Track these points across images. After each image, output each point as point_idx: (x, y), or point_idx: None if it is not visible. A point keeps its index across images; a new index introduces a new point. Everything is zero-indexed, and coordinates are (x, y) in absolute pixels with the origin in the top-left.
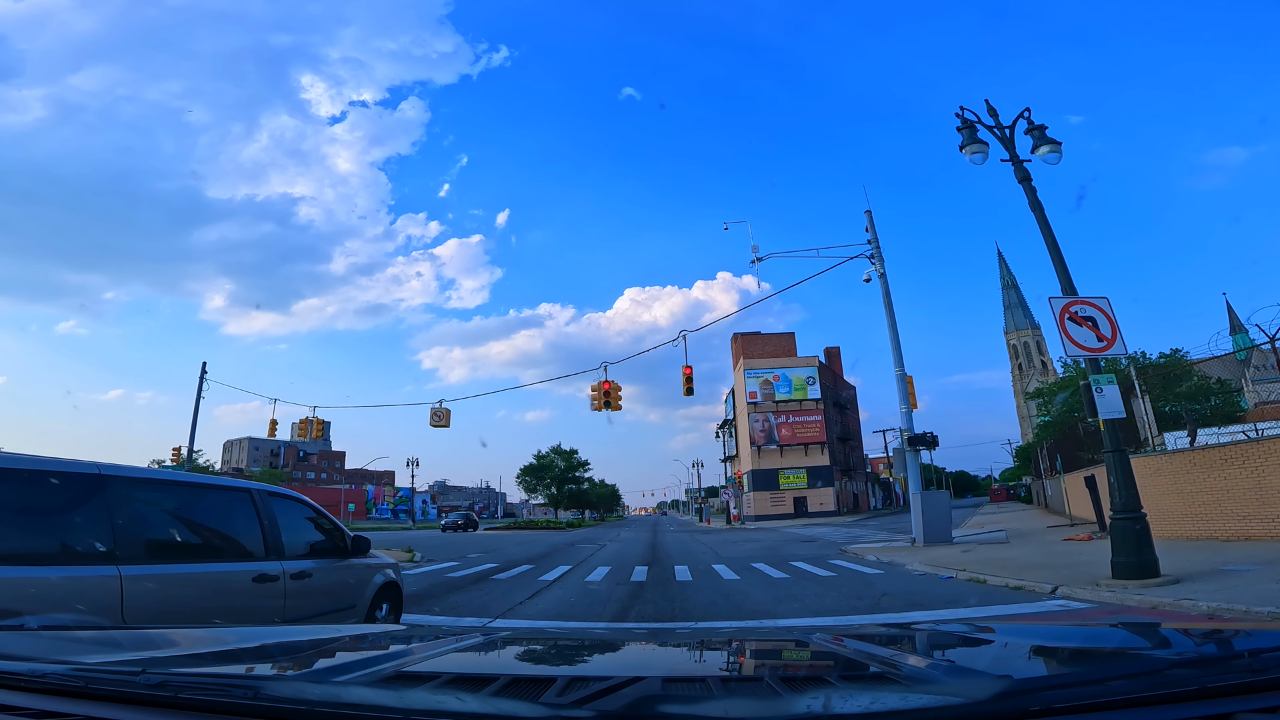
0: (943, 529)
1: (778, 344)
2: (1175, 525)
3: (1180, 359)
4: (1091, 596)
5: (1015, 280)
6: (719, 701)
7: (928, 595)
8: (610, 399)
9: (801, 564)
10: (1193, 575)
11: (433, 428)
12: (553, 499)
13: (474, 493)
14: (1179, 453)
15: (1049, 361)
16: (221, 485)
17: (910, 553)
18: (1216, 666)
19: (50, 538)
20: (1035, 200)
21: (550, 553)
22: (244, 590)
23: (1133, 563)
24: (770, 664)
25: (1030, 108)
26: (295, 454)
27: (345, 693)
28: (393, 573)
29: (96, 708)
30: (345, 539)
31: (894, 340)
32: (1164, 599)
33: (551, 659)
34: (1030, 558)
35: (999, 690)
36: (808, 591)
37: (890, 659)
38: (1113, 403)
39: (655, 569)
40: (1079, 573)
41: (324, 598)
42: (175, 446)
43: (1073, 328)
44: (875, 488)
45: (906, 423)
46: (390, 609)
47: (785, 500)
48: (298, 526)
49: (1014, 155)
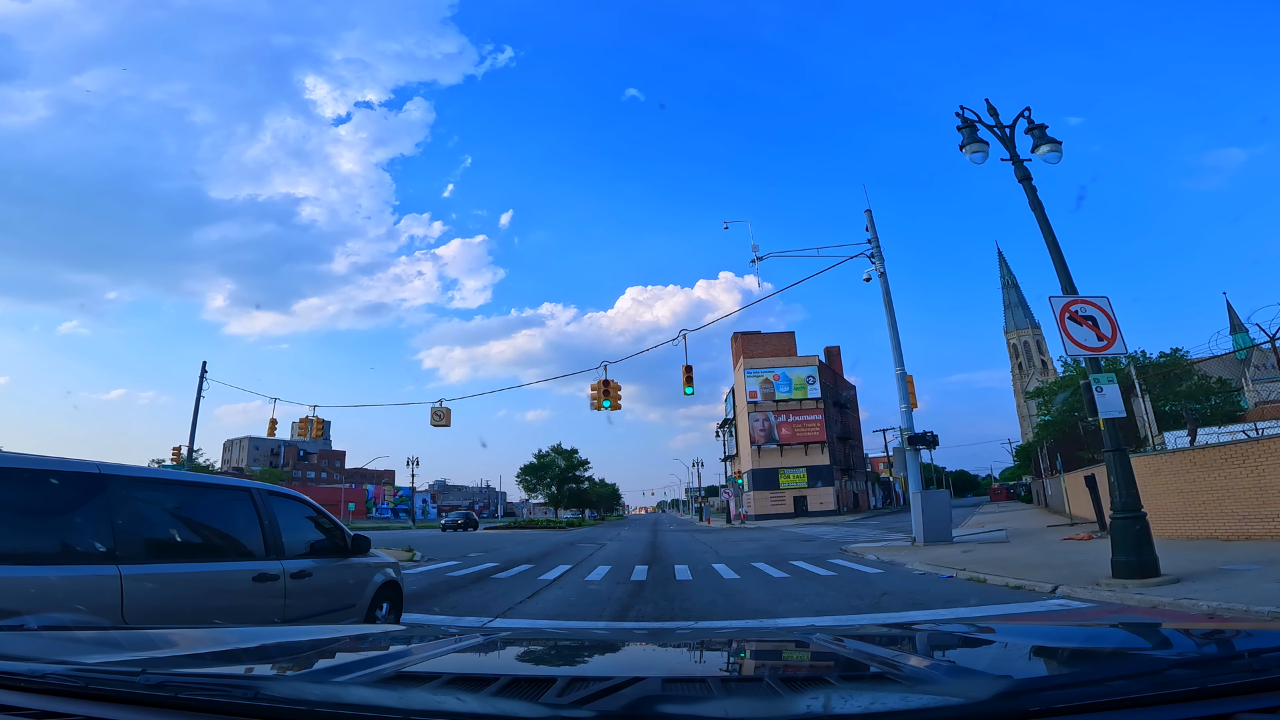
0: (943, 528)
1: (778, 343)
2: (1175, 525)
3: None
4: (1091, 596)
5: (1015, 280)
6: (719, 701)
7: (928, 595)
8: (610, 398)
9: (801, 563)
10: (1193, 575)
11: (433, 427)
12: (553, 498)
13: (474, 492)
14: (1179, 452)
15: (1049, 361)
16: (221, 484)
17: (910, 552)
18: (1216, 666)
19: (50, 537)
20: (1035, 200)
21: (550, 552)
22: (244, 590)
23: (1133, 562)
24: (770, 664)
25: (1030, 107)
26: (295, 453)
27: (345, 693)
28: (393, 572)
29: (96, 708)
30: (345, 538)
31: (894, 339)
32: (1164, 598)
33: (551, 659)
34: (1030, 557)
35: (999, 690)
36: (808, 591)
37: (890, 659)
38: (1113, 402)
39: (655, 568)
40: (1079, 572)
41: (324, 597)
42: (175, 446)
43: (1073, 327)
44: (875, 487)
45: (907, 422)
46: (390, 608)
47: (785, 499)
48: (298, 526)
49: (1014, 155)
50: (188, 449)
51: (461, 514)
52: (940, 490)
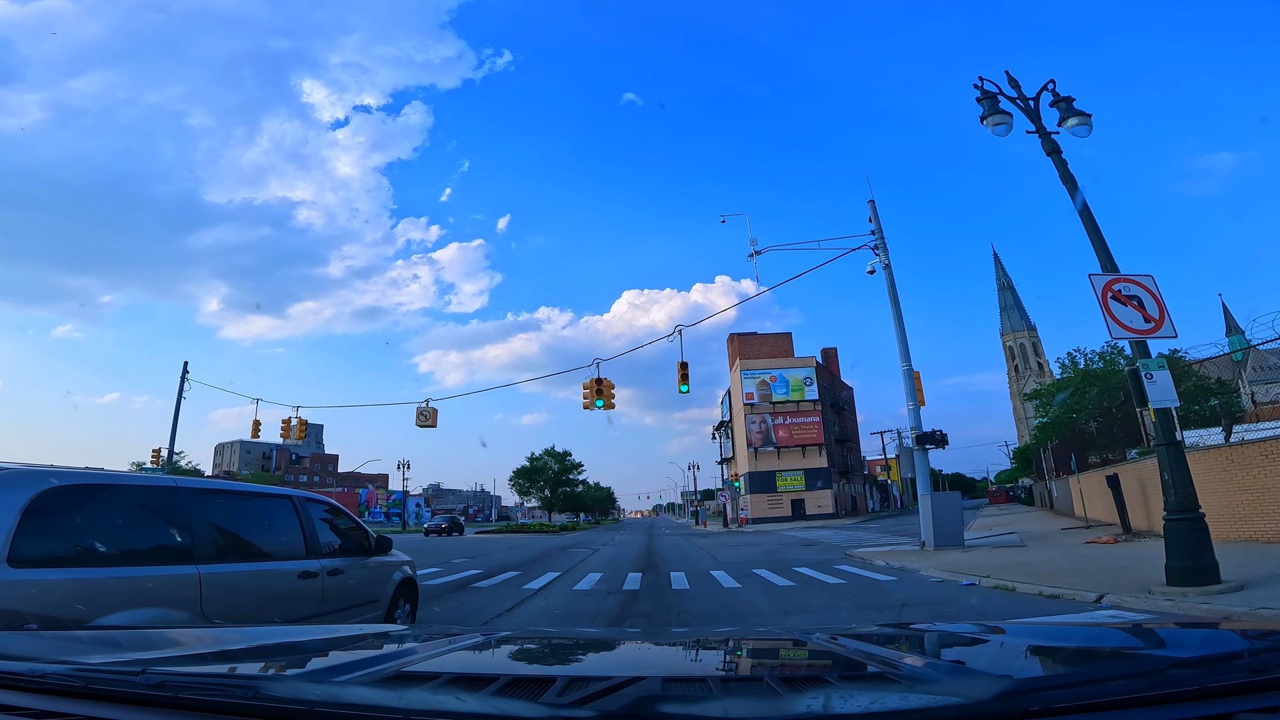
0: (954, 532)
1: (775, 344)
2: (1212, 526)
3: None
4: (1146, 606)
5: (1011, 281)
6: (719, 701)
7: (954, 605)
8: (603, 396)
9: (806, 570)
10: (1256, 581)
11: (418, 427)
12: (546, 502)
13: (469, 495)
14: (1215, 449)
15: (1045, 363)
16: (268, 493)
17: (922, 557)
18: (1216, 666)
19: (147, 543)
20: (1066, 173)
21: (540, 558)
22: (291, 585)
23: (1191, 568)
24: (770, 664)
25: (1055, 80)
26: (288, 457)
27: (345, 693)
28: (410, 570)
29: (96, 708)
30: (369, 539)
31: (900, 334)
32: (1235, 608)
33: (551, 659)
34: (1054, 562)
35: (999, 690)
36: (816, 601)
37: (890, 659)
38: (1165, 390)
39: (650, 575)
40: (1119, 579)
41: (353, 592)
42: (155, 448)
43: (1117, 308)
44: (873, 490)
45: (914, 420)
46: (409, 604)
47: (783, 502)
48: (330, 528)
49: (1040, 127)
50: (168, 451)
51: (446, 518)
52: (951, 492)
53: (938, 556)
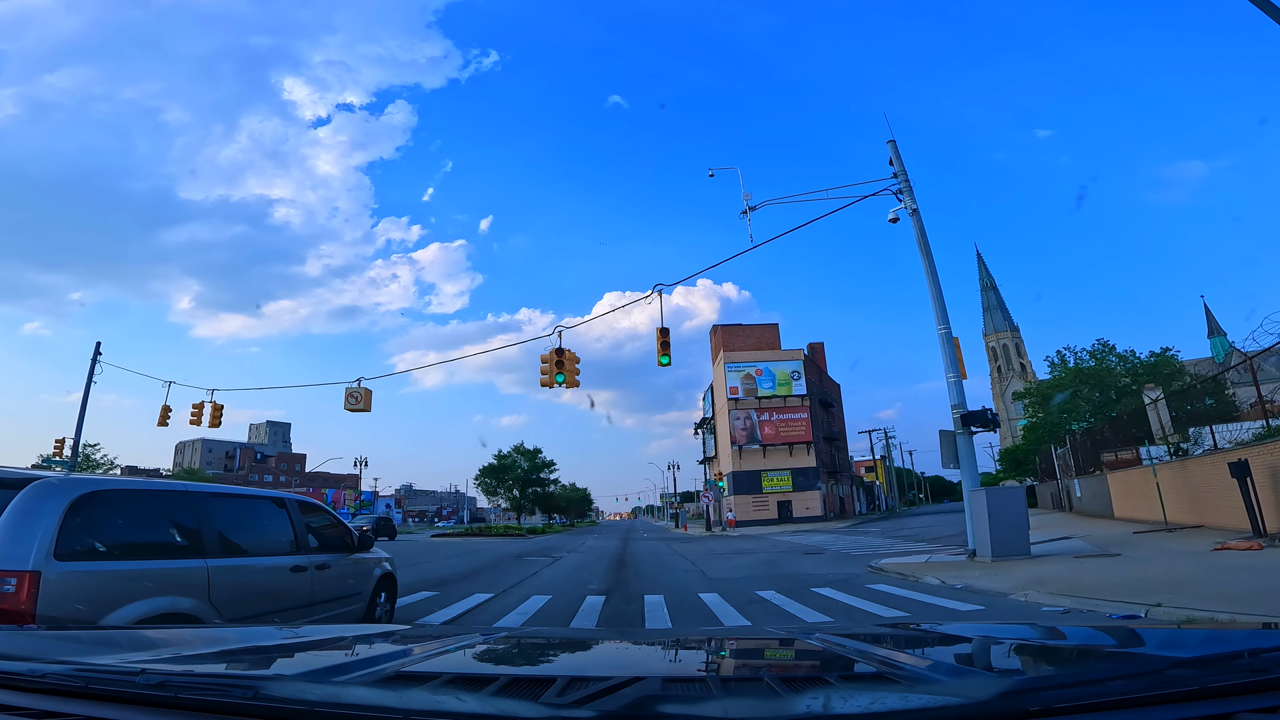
0: (1017, 538)
1: (760, 336)
2: None
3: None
4: None
5: (994, 282)
6: (719, 701)
7: None
8: (565, 371)
9: (831, 591)
10: None
11: (348, 411)
12: (515, 502)
13: (442, 496)
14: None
15: (1028, 364)
16: (264, 495)
17: (985, 571)
18: (1216, 666)
19: (164, 539)
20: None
21: (481, 569)
22: (284, 578)
23: None
24: (770, 664)
25: None
26: (252, 456)
27: (345, 693)
28: (389, 565)
29: (96, 708)
30: (352, 537)
31: (934, 291)
32: None
33: (551, 659)
34: (1180, 575)
35: (999, 690)
36: None
37: (890, 659)
38: None
39: (617, 600)
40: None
41: (339, 585)
42: (59, 438)
43: None
44: (859, 491)
45: (957, 396)
46: (388, 597)
47: (768, 504)
48: (317, 526)
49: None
50: (74, 442)
51: (372, 518)
52: (1014, 486)
53: (1006, 571)
